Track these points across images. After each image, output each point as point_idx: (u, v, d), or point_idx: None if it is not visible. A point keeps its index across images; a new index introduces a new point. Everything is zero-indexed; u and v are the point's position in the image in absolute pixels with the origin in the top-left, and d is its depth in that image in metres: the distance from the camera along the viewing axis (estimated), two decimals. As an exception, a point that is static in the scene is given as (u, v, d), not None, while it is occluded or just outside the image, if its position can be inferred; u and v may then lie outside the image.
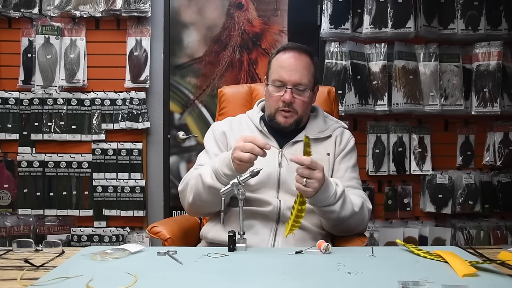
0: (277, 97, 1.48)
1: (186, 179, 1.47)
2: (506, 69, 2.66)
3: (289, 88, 1.46)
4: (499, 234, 2.70)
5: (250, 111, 1.63)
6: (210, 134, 1.60)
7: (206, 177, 1.36)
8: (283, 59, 1.49)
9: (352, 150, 1.57)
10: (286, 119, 1.48)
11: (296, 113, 1.48)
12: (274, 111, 1.50)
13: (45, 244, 1.17)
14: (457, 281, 0.90)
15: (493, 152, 2.70)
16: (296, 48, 1.51)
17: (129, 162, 2.67)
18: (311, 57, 1.51)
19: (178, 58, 2.73)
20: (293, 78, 1.46)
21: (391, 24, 2.58)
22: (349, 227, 1.39)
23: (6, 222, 2.65)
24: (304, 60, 1.49)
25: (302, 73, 1.47)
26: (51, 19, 2.65)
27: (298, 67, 1.47)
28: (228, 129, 1.56)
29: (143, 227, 2.68)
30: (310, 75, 1.49)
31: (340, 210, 1.33)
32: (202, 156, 1.56)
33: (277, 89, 1.48)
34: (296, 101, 1.47)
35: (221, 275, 0.96)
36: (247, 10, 2.72)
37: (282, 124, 1.49)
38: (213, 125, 1.64)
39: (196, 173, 1.42)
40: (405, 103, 2.60)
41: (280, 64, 1.49)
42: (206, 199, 1.39)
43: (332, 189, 1.31)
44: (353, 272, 0.96)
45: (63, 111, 2.65)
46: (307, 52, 1.52)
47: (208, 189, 1.36)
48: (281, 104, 1.47)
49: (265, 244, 1.36)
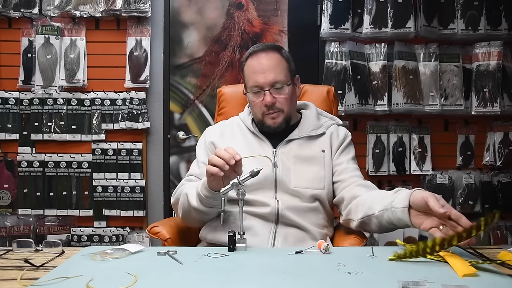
0: (258, 102, 1.48)
1: (177, 193, 1.47)
2: (506, 69, 2.67)
3: (267, 90, 1.46)
4: (499, 234, 2.70)
5: (242, 114, 1.63)
6: (201, 141, 1.60)
7: (192, 199, 1.36)
8: (253, 64, 1.49)
9: (350, 144, 1.57)
10: (275, 120, 1.49)
11: (282, 111, 1.48)
12: (261, 116, 1.50)
13: (45, 244, 1.17)
14: (457, 281, 0.90)
15: (493, 152, 2.70)
16: (263, 48, 1.51)
17: (129, 162, 2.67)
18: (280, 52, 1.51)
19: (178, 58, 2.73)
20: (268, 79, 1.45)
21: (391, 24, 2.58)
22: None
23: (6, 222, 2.66)
24: (274, 57, 1.49)
25: (275, 71, 1.46)
26: (51, 19, 2.65)
27: (270, 66, 1.47)
28: (218, 137, 1.56)
29: (143, 227, 2.68)
30: (285, 70, 1.49)
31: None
32: (193, 165, 1.57)
33: (256, 95, 1.49)
34: (277, 100, 1.47)
35: (221, 275, 0.96)
36: (247, 10, 2.72)
37: (272, 126, 1.49)
38: (205, 131, 1.64)
39: (184, 191, 1.41)
40: (405, 103, 2.60)
41: (252, 70, 1.49)
42: (195, 217, 1.40)
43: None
44: (353, 272, 0.96)
45: (63, 111, 2.66)
46: (274, 48, 1.52)
47: (194, 210, 1.37)
48: (265, 108, 1.47)
49: (265, 245, 1.36)
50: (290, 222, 1.40)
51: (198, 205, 1.34)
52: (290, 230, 1.40)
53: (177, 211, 1.47)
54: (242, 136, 1.55)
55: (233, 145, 1.33)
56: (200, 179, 1.45)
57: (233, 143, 1.47)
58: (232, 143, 1.49)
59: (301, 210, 1.42)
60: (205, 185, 1.30)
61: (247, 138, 1.54)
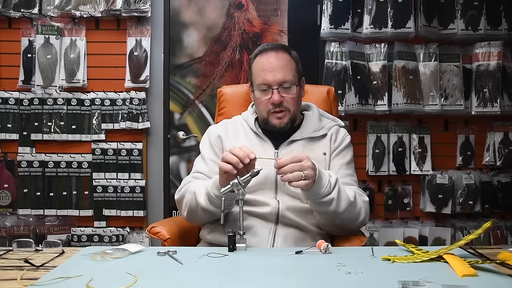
0: (265, 100, 1.48)
1: (182, 189, 1.46)
2: (506, 69, 2.66)
3: (275, 88, 1.46)
4: (499, 234, 2.70)
5: (245, 113, 1.63)
6: (205, 138, 1.59)
7: (200, 198, 1.36)
8: (262, 62, 1.49)
9: (347, 147, 1.56)
10: (280, 120, 1.48)
11: (288, 111, 1.48)
12: (267, 115, 1.50)
13: (45, 244, 1.17)
14: (457, 281, 0.90)
15: (493, 152, 2.70)
16: (273, 47, 1.51)
17: (129, 162, 2.67)
18: (289, 53, 1.52)
19: (178, 58, 2.73)
20: (277, 78, 1.46)
21: (391, 24, 2.58)
22: (347, 219, 1.36)
23: (6, 222, 2.65)
24: (283, 57, 1.49)
25: (284, 70, 1.47)
26: (51, 19, 2.65)
27: (279, 65, 1.47)
28: (224, 133, 1.56)
29: (143, 227, 2.68)
30: (293, 71, 1.49)
31: (338, 200, 1.31)
32: (198, 162, 1.56)
33: (264, 93, 1.48)
34: (285, 99, 1.47)
35: (221, 275, 0.96)
36: (247, 10, 2.72)
37: (277, 126, 1.49)
38: (208, 129, 1.63)
39: (191, 189, 1.41)
40: (405, 103, 2.60)
41: (261, 68, 1.49)
42: (200, 216, 1.40)
43: (326, 177, 1.30)
44: (353, 272, 0.96)
45: (63, 111, 2.66)
46: (284, 48, 1.52)
47: (202, 210, 1.36)
48: (271, 107, 1.47)
49: (265, 245, 1.36)
50: (290, 222, 1.40)
51: (207, 205, 1.34)
52: (290, 230, 1.40)
53: (181, 209, 1.46)
54: (245, 136, 1.55)
55: (236, 144, 1.34)
56: (208, 176, 1.45)
57: (235, 142, 1.48)
58: (234, 141, 1.49)
59: (302, 211, 1.42)
60: (216, 184, 1.30)
61: (249, 137, 1.54)
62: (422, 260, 1.04)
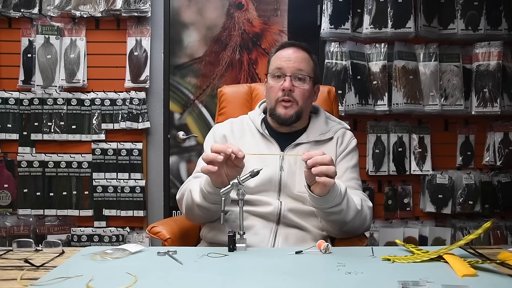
0: (276, 87, 1.47)
1: (182, 189, 1.46)
2: (506, 69, 2.67)
3: (288, 76, 1.45)
4: (499, 234, 2.70)
5: (252, 113, 1.61)
6: (210, 137, 1.58)
7: (195, 195, 1.35)
8: (281, 53, 1.50)
9: (353, 150, 1.55)
10: (286, 110, 1.47)
11: (296, 103, 1.47)
12: (274, 103, 1.48)
13: (45, 244, 1.17)
14: (457, 281, 0.90)
15: (493, 152, 2.70)
16: (295, 44, 1.52)
17: (129, 162, 2.67)
18: (309, 54, 1.52)
19: (178, 58, 2.73)
20: (292, 65, 1.46)
21: (391, 24, 2.58)
22: (354, 227, 1.36)
23: (6, 222, 2.65)
24: (303, 53, 1.49)
25: (301, 62, 1.47)
26: (51, 19, 2.65)
27: (297, 58, 1.47)
28: (229, 132, 1.54)
29: (143, 227, 2.68)
30: (310, 67, 1.49)
31: (347, 209, 1.30)
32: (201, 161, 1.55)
33: (276, 79, 1.48)
34: (296, 89, 1.46)
35: (221, 275, 0.96)
36: (247, 10, 2.72)
37: (282, 116, 1.47)
38: (213, 127, 1.62)
39: (189, 187, 1.41)
40: (405, 103, 2.60)
41: (279, 57, 1.50)
42: (198, 214, 1.39)
43: (338, 187, 1.27)
44: (353, 272, 0.96)
45: (63, 111, 2.66)
46: (305, 48, 1.52)
47: (198, 206, 1.36)
48: (281, 94, 1.46)
49: (265, 244, 1.36)
50: (291, 223, 1.40)
51: (201, 201, 1.33)
52: (291, 230, 1.40)
53: (181, 208, 1.46)
54: (251, 136, 1.53)
55: (241, 144, 1.33)
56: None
57: (241, 142, 1.47)
58: (240, 142, 1.49)
59: (304, 213, 1.41)
60: (208, 180, 1.29)
61: (255, 138, 1.53)
62: (422, 260, 1.04)
